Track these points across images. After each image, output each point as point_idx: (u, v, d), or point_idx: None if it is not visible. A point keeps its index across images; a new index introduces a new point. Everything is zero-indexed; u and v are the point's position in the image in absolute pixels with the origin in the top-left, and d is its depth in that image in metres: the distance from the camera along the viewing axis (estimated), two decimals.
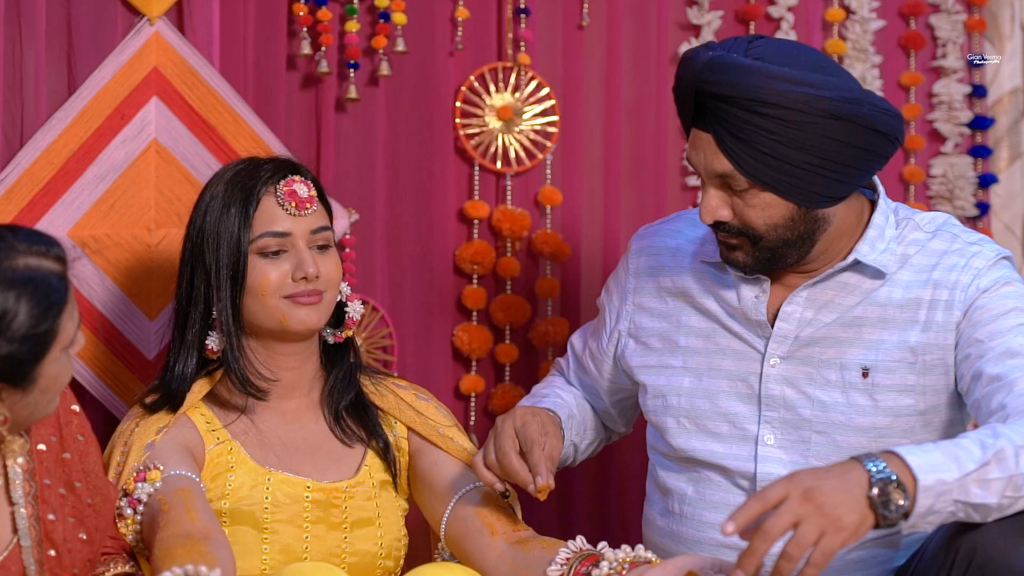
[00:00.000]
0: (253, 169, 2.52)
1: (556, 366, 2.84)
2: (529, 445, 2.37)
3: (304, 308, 2.48)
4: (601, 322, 2.71)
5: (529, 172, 3.22)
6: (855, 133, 2.32)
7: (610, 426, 2.80)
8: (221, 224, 2.48)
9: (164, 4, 2.88)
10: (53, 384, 2.06)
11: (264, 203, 2.49)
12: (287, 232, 2.49)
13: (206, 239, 2.50)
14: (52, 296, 1.99)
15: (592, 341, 2.73)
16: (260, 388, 2.51)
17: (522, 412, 2.44)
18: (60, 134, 2.82)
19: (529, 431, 2.39)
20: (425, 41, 3.12)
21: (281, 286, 2.48)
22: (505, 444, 2.37)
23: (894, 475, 2.01)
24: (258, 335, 2.52)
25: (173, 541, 2.25)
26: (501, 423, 2.42)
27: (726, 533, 1.96)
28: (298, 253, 2.48)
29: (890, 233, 2.47)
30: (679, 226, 2.66)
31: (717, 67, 2.32)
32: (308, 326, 2.50)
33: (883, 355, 2.44)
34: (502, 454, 2.37)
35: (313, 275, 2.47)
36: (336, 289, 2.54)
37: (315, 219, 2.51)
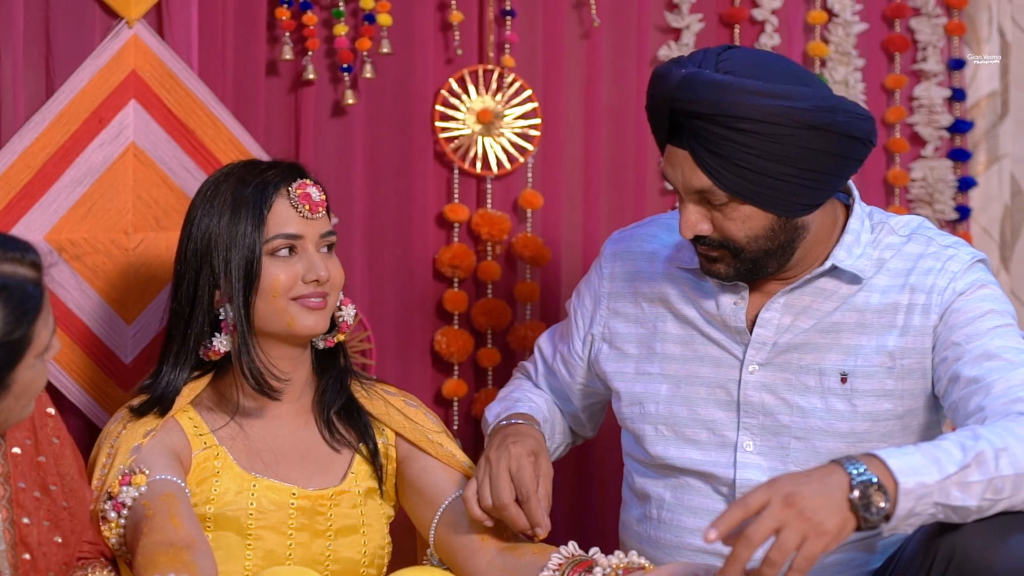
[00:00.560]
0: (260, 171, 2.52)
1: (521, 369, 2.83)
2: (526, 494, 2.36)
3: (313, 313, 2.49)
4: (572, 326, 2.70)
5: (509, 176, 3.21)
6: (831, 141, 2.32)
7: (577, 430, 2.80)
8: (232, 226, 2.47)
9: (143, 7, 2.88)
10: (28, 390, 2.05)
11: (277, 205, 2.49)
12: (299, 235, 2.49)
13: (214, 240, 2.48)
14: (27, 303, 1.98)
15: (562, 345, 2.72)
16: (275, 388, 2.51)
17: (517, 453, 2.41)
18: (37, 137, 2.81)
19: (524, 477, 2.37)
20: (405, 45, 3.12)
21: (291, 288, 2.48)
22: (503, 495, 2.36)
23: (875, 478, 2.01)
24: (261, 337, 2.51)
25: (156, 548, 2.24)
26: (496, 462, 2.39)
27: (709, 540, 1.97)
28: (308, 256, 2.49)
29: (866, 238, 2.48)
30: (654, 231, 2.66)
31: (690, 84, 2.31)
32: (315, 331, 2.51)
33: (862, 360, 2.44)
34: (501, 505, 2.36)
35: (324, 278, 2.48)
36: (338, 293, 2.55)
37: (325, 223, 2.52)
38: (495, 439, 2.47)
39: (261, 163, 2.56)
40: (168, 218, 2.88)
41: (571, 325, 2.71)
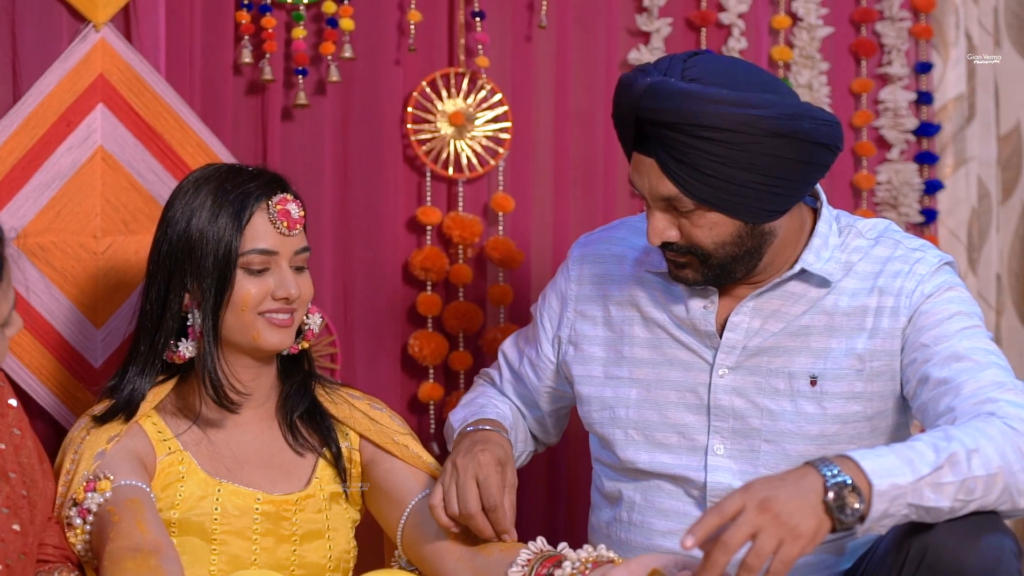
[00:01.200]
0: (242, 180, 2.49)
1: (484, 376, 2.83)
2: (492, 504, 2.36)
3: (278, 331, 2.48)
4: (540, 329, 2.70)
5: (480, 179, 3.22)
6: (798, 148, 2.33)
7: (541, 437, 2.80)
8: (209, 232, 2.45)
9: (110, 10, 2.86)
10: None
11: (256, 218, 2.47)
12: (274, 251, 2.47)
13: (191, 245, 2.46)
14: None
15: (530, 349, 2.72)
16: (234, 401, 2.50)
17: (485, 461, 2.40)
18: (5, 141, 2.80)
19: (491, 486, 2.37)
20: (373, 47, 3.12)
21: (260, 302, 2.47)
22: (471, 504, 2.36)
23: (849, 479, 2.02)
24: (226, 347, 2.51)
25: (122, 554, 2.24)
26: (463, 470, 2.39)
27: (686, 547, 1.97)
28: (281, 272, 2.48)
29: (833, 241, 2.49)
30: (622, 233, 2.66)
31: (656, 94, 2.32)
32: (281, 347, 2.50)
33: (831, 363, 2.45)
34: (468, 515, 2.36)
35: (294, 296, 2.47)
36: (306, 308, 2.54)
37: (300, 239, 2.51)
38: (463, 444, 2.47)
39: (243, 170, 2.53)
40: (136, 222, 2.87)
41: (538, 329, 2.71)
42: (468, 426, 2.56)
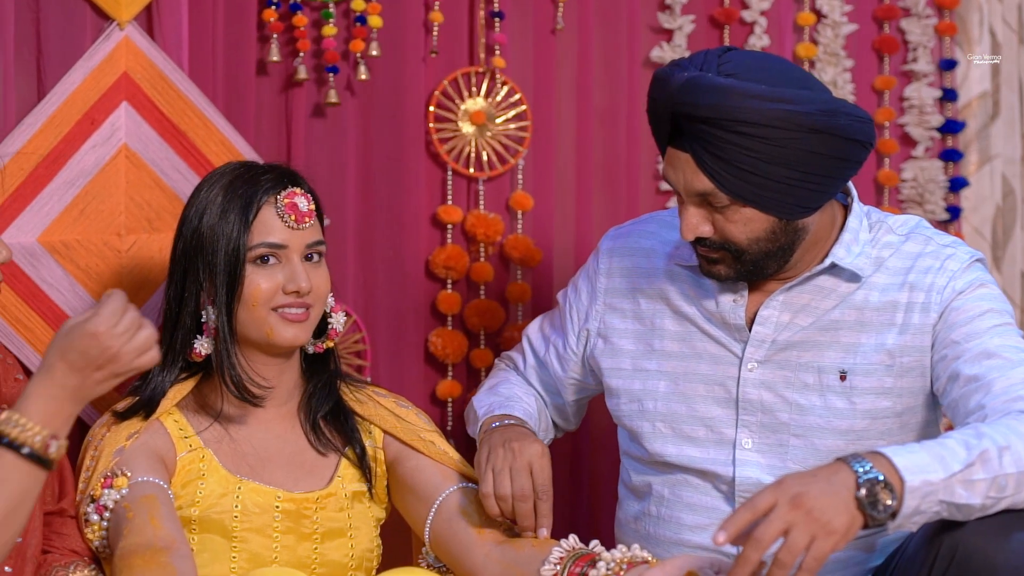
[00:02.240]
0: (253, 176, 2.50)
1: (507, 360, 2.82)
2: (543, 491, 2.37)
3: (293, 325, 2.47)
4: (567, 320, 2.70)
5: (501, 177, 3.21)
6: (833, 144, 2.33)
7: (560, 424, 2.79)
8: (219, 228, 2.46)
9: (134, 8, 2.87)
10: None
11: (264, 212, 2.47)
12: (283, 244, 2.47)
13: (202, 242, 2.47)
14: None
15: (556, 338, 2.72)
16: (255, 394, 2.50)
17: (539, 451, 2.41)
18: (29, 139, 2.80)
19: (545, 476, 2.39)
20: (397, 45, 3.11)
21: (272, 297, 2.46)
22: (527, 486, 2.37)
23: (881, 475, 2.02)
24: (243, 344, 2.51)
25: (133, 550, 2.25)
26: (519, 454, 2.39)
27: (718, 543, 1.97)
28: (291, 266, 2.47)
29: (864, 236, 2.49)
30: (652, 227, 2.66)
31: (694, 88, 2.32)
32: (295, 343, 2.49)
33: (861, 358, 2.45)
34: (523, 496, 2.37)
35: (305, 289, 2.46)
36: (323, 303, 2.53)
37: (311, 233, 2.50)
38: (509, 433, 2.46)
39: (256, 167, 2.54)
40: (160, 220, 2.87)
41: (564, 319, 2.70)
42: (495, 422, 2.54)
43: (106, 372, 2.06)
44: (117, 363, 2.06)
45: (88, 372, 2.05)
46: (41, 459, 2.03)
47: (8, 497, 2.01)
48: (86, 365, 2.05)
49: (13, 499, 2.02)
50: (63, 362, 2.05)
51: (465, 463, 2.56)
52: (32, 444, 2.02)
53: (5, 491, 2.01)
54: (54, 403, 2.04)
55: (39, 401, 2.04)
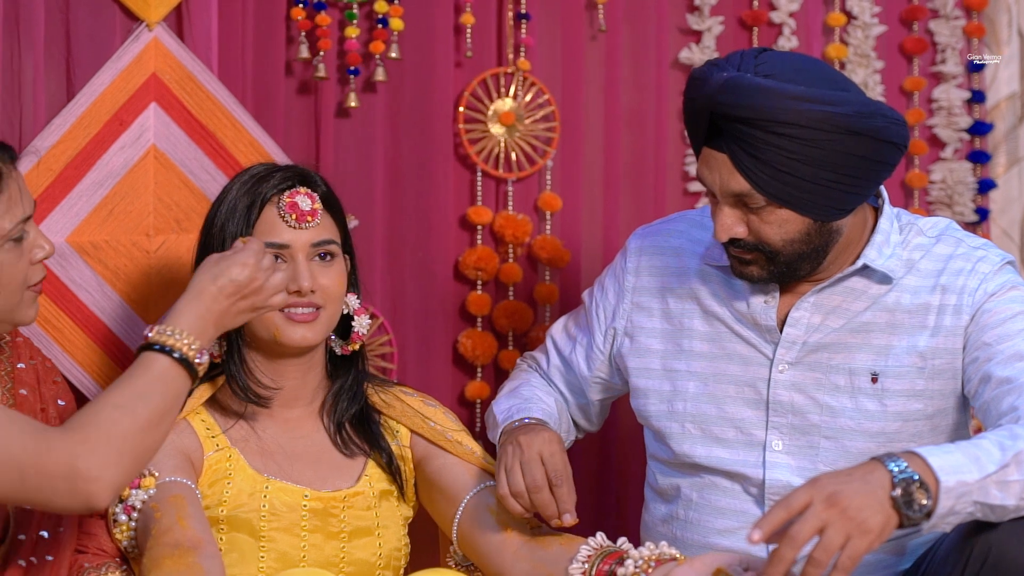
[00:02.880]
0: (264, 176, 2.51)
1: (528, 360, 2.81)
2: (558, 478, 2.35)
3: (300, 326, 2.47)
4: (593, 319, 2.69)
5: (529, 178, 3.21)
6: (870, 146, 2.33)
7: (583, 424, 2.78)
8: (226, 229, 2.48)
9: (163, 9, 2.87)
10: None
11: (266, 213, 2.48)
12: (286, 244, 2.47)
13: (213, 241, 2.49)
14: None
15: (582, 337, 2.71)
16: (261, 396, 2.50)
17: (549, 438, 2.40)
18: (58, 140, 2.81)
19: (557, 462, 2.37)
20: (425, 47, 3.12)
21: None
22: (539, 476, 2.35)
23: (916, 475, 2.02)
24: (258, 344, 2.51)
25: (161, 550, 2.26)
26: (527, 447, 2.38)
27: (752, 541, 1.97)
28: (295, 265, 2.47)
29: (895, 238, 2.48)
30: (682, 226, 2.66)
31: (733, 89, 2.31)
32: (303, 343, 2.49)
33: (893, 360, 2.45)
34: (536, 487, 2.35)
35: (307, 289, 2.46)
36: (337, 303, 2.52)
37: (317, 232, 2.49)
38: (520, 432, 2.45)
39: (273, 168, 2.54)
40: (189, 220, 2.88)
41: (591, 318, 2.70)
42: (514, 421, 2.54)
43: (248, 303, 2.26)
44: (259, 295, 2.27)
45: (235, 299, 2.25)
46: (190, 366, 2.17)
47: (163, 397, 2.14)
48: (235, 291, 2.24)
49: (167, 401, 2.14)
50: (214, 286, 2.23)
51: (492, 461, 2.56)
52: (183, 349, 2.16)
53: (161, 392, 2.13)
54: (200, 323, 2.20)
55: (189, 318, 2.20)
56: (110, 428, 2.06)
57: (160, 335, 2.16)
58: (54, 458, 2.03)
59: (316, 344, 2.51)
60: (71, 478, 2.02)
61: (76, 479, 2.02)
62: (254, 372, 2.51)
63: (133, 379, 2.13)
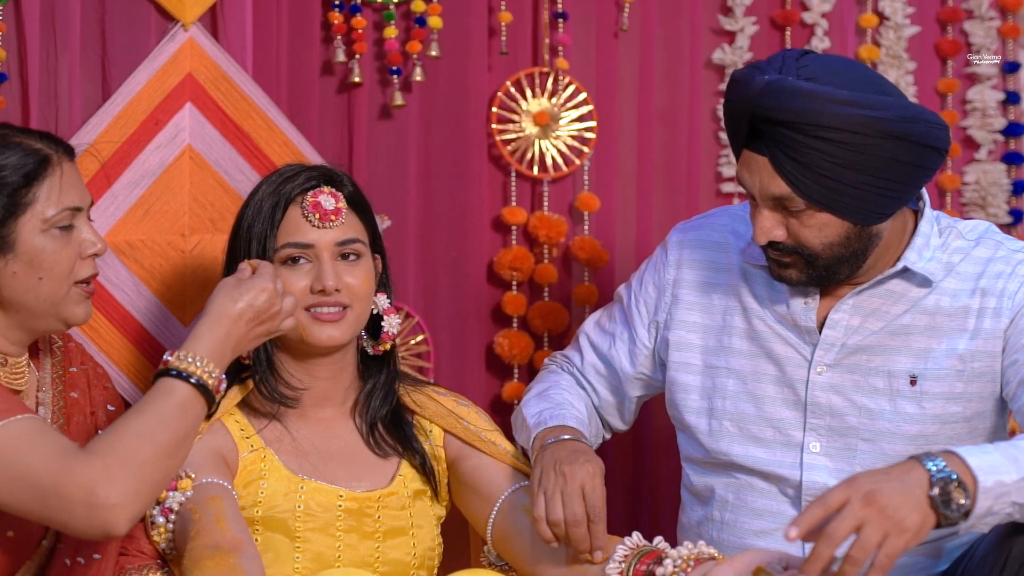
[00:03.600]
0: (292, 177, 2.51)
1: (560, 359, 2.78)
2: (597, 515, 2.33)
3: (327, 325, 2.47)
4: (634, 314, 2.68)
5: (564, 178, 3.21)
6: (912, 151, 2.32)
7: (615, 424, 2.76)
8: (253, 229, 2.49)
9: (198, 10, 2.88)
10: (39, 262, 2.23)
11: (290, 212, 2.49)
12: (310, 244, 2.48)
13: (239, 243, 2.51)
14: (27, 162, 2.23)
15: (622, 332, 2.69)
16: (288, 396, 2.51)
17: (592, 472, 2.36)
18: (94, 140, 2.82)
19: (597, 498, 2.33)
20: (459, 47, 3.12)
21: (302, 297, 2.46)
22: (579, 511, 2.32)
23: (954, 474, 2.02)
24: (286, 345, 2.52)
25: (202, 552, 2.26)
26: (571, 479, 2.34)
27: (789, 538, 1.97)
28: (320, 265, 2.47)
29: (935, 242, 2.48)
30: (724, 220, 2.65)
31: (775, 92, 2.31)
32: (330, 343, 2.49)
33: (932, 363, 2.44)
34: (575, 521, 2.32)
35: (331, 288, 2.46)
36: (364, 302, 2.52)
37: (342, 231, 2.50)
38: (561, 452, 2.40)
39: (303, 168, 2.55)
40: (224, 220, 2.89)
41: (631, 313, 2.68)
42: (549, 434, 2.49)
43: (264, 328, 2.27)
44: (274, 320, 2.28)
45: (253, 325, 2.25)
46: (208, 392, 2.18)
47: (182, 424, 2.15)
48: (255, 317, 2.25)
49: (186, 428, 2.16)
50: (235, 312, 2.23)
51: (526, 461, 2.56)
52: (202, 376, 2.17)
53: (180, 419, 2.15)
54: (220, 347, 2.21)
55: (209, 343, 2.20)
56: (130, 456, 2.08)
57: (180, 361, 2.17)
58: (75, 482, 2.05)
59: (344, 343, 2.51)
60: (90, 505, 2.05)
61: (95, 506, 2.05)
62: (281, 373, 2.51)
63: (153, 405, 2.15)
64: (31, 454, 2.07)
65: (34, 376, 2.36)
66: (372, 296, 2.54)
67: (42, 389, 2.36)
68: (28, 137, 2.28)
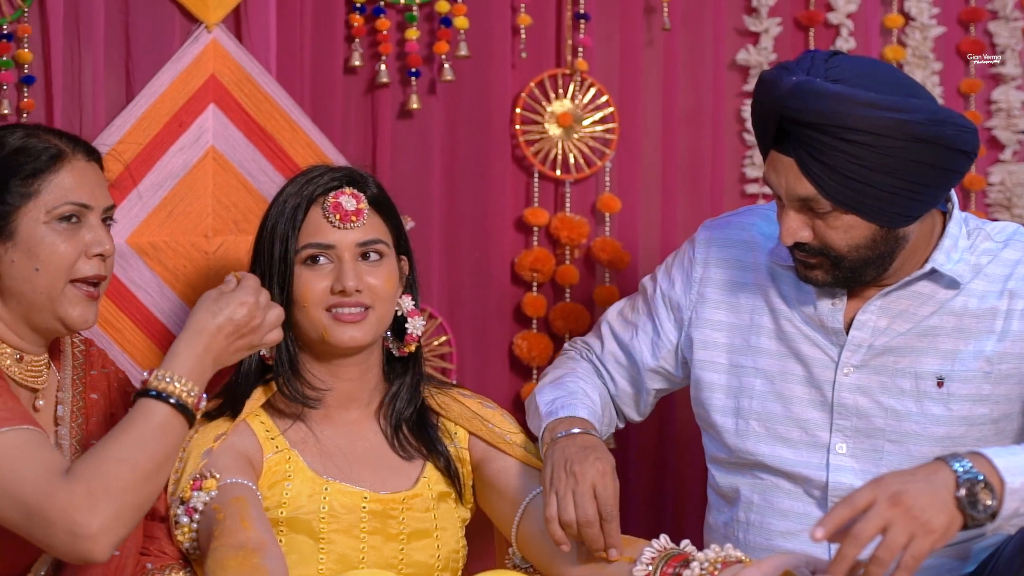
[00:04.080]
0: (315, 178, 2.52)
1: (580, 346, 2.77)
2: (609, 513, 2.32)
3: (349, 326, 2.47)
4: (659, 307, 2.67)
5: (586, 180, 3.21)
6: (940, 154, 2.32)
7: (629, 415, 2.75)
8: (276, 229, 2.49)
9: (222, 11, 2.89)
10: (36, 253, 2.24)
11: (312, 213, 2.49)
12: (331, 244, 2.48)
13: (264, 242, 2.51)
14: (40, 156, 2.26)
15: (646, 324, 2.69)
16: (309, 397, 2.51)
17: (602, 470, 2.35)
18: (118, 142, 2.82)
19: (608, 498, 2.32)
20: (482, 48, 3.12)
21: (323, 298, 2.47)
22: (591, 511, 2.32)
23: (981, 475, 2.02)
24: (309, 346, 2.52)
25: (225, 552, 2.26)
26: (581, 479, 2.34)
27: (815, 539, 1.97)
28: (341, 265, 2.48)
29: (963, 243, 2.48)
30: (752, 219, 2.65)
31: (804, 93, 2.30)
32: (352, 344, 2.49)
33: (959, 365, 2.44)
34: (587, 522, 2.32)
35: (351, 289, 2.46)
36: (387, 303, 2.52)
37: (363, 232, 2.50)
38: (571, 450, 2.40)
39: (323, 169, 2.55)
40: (247, 222, 2.89)
41: (656, 306, 2.68)
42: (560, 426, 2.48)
43: (246, 341, 2.26)
44: (256, 334, 2.26)
45: (233, 339, 2.24)
46: (187, 412, 2.17)
47: (162, 445, 2.15)
48: (234, 331, 2.24)
49: (166, 449, 2.16)
50: (213, 325, 2.22)
51: (538, 449, 2.54)
52: (180, 396, 2.16)
53: (160, 441, 2.14)
54: (199, 364, 2.20)
55: (188, 361, 2.19)
56: (112, 483, 2.08)
57: (159, 381, 2.17)
58: (57, 509, 2.06)
59: (366, 344, 2.51)
60: (71, 532, 2.06)
61: (76, 535, 2.06)
62: (304, 374, 2.51)
63: (133, 428, 2.14)
64: (22, 470, 2.08)
65: (54, 377, 2.37)
66: (395, 297, 2.54)
67: (62, 389, 2.37)
68: (51, 135, 2.31)
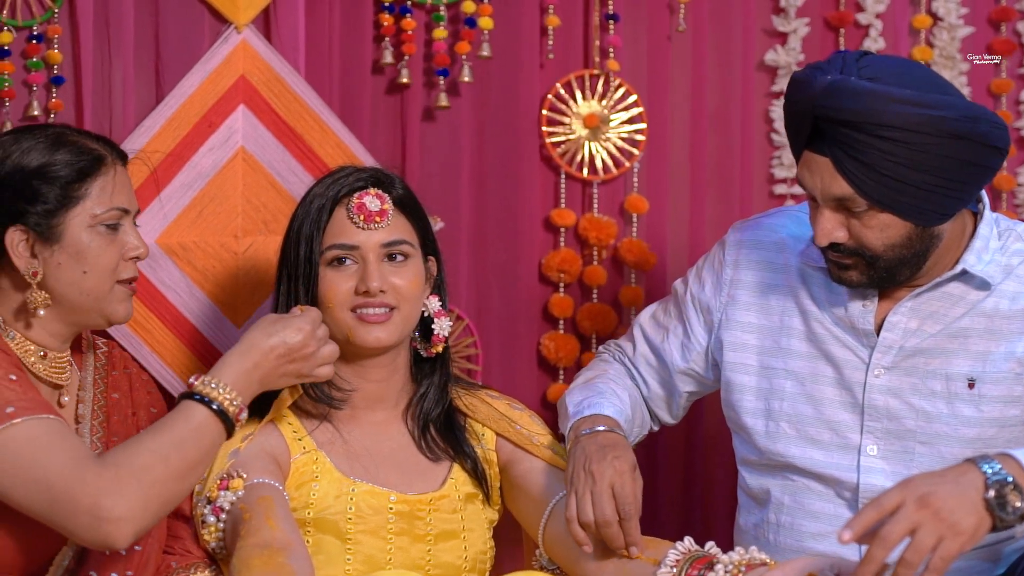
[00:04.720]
0: (342, 179, 2.52)
1: (613, 348, 2.77)
2: (628, 512, 2.32)
3: (374, 327, 2.48)
4: (690, 310, 2.66)
5: (614, 180, 3.21)
6: (974, 150, 2.31)
7: (662, 417, 2.75)
8: (302, 230, 2.50)
9: (251, 12, 2.90)
10: (83, 256, 2.26)
11: (337, 214, 2.50)
12: (355, 245, 2.49)
13: (290, 243, 2.52)
14: (82, 159, 2.27)
15: (676, 327, 2.68)
16: (335, 398, 2.51)
17: (621, 469, 2.35)
18: (148, 142, 2.84)
19: (628, 497, 2.32)
20: (511, 49, 3.12)
21: (348, 299, 2.47)
22: (608, 511, 2.32)
23: (1010, 477, 2.01)
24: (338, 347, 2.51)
25: (251, 551, 2.27)
26: (600, 478, 2.34)
27: (843, 540, 1.97)
28: (365, 266, 2.48)
29: (994, 244, 2.47)
30: (783, 221, 2.64)
31: (838, 92, 2.30)
32: (377, 344, 2.49)
33: (990, 366, 2.43)
34: (605, 522, 2.32)
35: (376, 289, 2.46)
36: (412, 304, 2.52)
37: (388, 232, 2.50)
38: (591, 447, 2.40)
39: (350, 170, 2.55)
40: (276, 222, 2.90)
41: (686, 309, 2.67)
42: (584, 424, 2.48)
43: (295, 368, 2.28)
44: (307, 362, 2.29)
45: (283, 363, 2.27)
46: (228, 419, 2.19)
47: (197, 449, 2.17)
48: (285, 354, 2.26)
49: (201, 452, 2.18)
50: (266, 345, 2.25)
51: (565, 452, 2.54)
52: (223, 403, 2.19)
53: (196, 442, 2.17)
54: (246, 378, 2.23)
55: (235, 372, 2.22)
56: (142, 474, 2.10)
57: (204, 386, 2.20)
58: (85, 490, 2.08)
59: (391, 345, 2.51)
60: (95, 515, 2.08)
61: (100, 518, 2.08)
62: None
63: (172, 426, 2.17)
64: (47, 456, 2.09)
65: (76, 375, 2.38)
66: (421, 298, 2.54)
67: (83, 388, 2.38)
68: (85, 138, 2.32)
